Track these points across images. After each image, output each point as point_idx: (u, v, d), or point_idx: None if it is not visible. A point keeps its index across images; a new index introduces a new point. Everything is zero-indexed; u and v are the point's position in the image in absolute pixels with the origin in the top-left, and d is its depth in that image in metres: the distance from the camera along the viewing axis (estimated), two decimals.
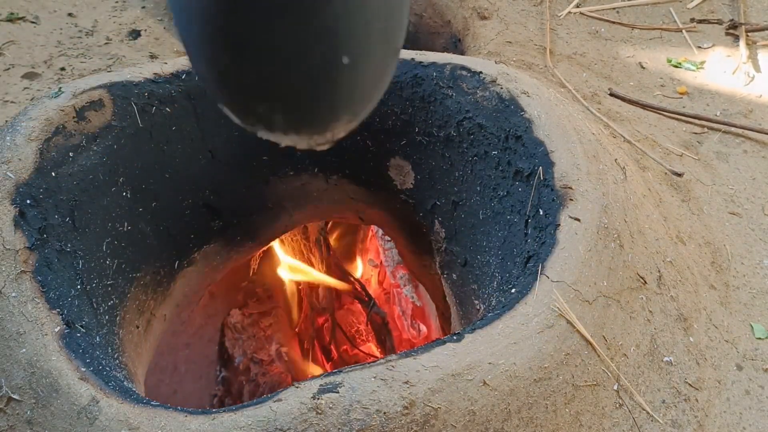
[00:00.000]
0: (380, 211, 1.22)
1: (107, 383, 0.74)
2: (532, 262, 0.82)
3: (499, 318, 0.74)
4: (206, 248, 1.16)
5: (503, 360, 0.71)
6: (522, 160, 0.91)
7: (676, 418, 0.83)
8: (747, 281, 1.03)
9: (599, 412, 0.77)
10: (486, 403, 0.69)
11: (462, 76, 0.99)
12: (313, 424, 0.65)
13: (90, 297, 0.88)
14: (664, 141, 1.25)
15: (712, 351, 0.93)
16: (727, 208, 1.14)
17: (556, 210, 0.84)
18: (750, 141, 1.26)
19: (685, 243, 1.05)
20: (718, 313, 0.98)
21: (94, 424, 0.69)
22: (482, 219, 0.98)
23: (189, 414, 0.69)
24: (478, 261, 0.98)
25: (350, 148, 1.12)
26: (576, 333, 0.76)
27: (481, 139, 0.98)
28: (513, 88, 0.95)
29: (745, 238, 1.09)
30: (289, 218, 1.25)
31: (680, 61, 1.43)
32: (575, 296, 0.77)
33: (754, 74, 1.39)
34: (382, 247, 1.59)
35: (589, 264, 0.80)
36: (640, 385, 0.82)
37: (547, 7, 1.52)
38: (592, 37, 1.49)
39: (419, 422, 0.67)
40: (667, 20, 1.53)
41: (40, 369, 0.73)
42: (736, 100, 1.34)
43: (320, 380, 0.68)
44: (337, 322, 1.54)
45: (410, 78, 1.02)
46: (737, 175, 1.19)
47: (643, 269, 0.89)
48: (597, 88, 1.36)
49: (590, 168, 0.88)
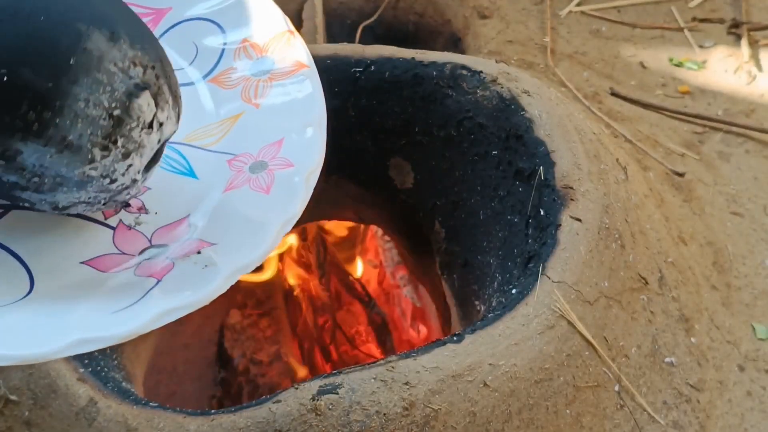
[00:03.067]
0: (380, 211, 1.22)
1: (105, 384, 0.74)
2: (532, 263, 0.81)
3: (500, 319, 0.74)
4: None
5: (504, 361, 0.71)
6: (523, 160, 0.91)
7: (677, 419, 0.82)
8: (749, 282, 1.03)
9: (600, 413, 0.77)
10: (486, 405, 0.69)
11: (462, 75, 0.99)
12: (313, 425, 0.65)
13: None
14: (666, 141, 1.25)
15: (714, 352, 0.92)
16: (729, 208, 1.14)
17: (557, 210, 0.83)
18: (752, 141, 1.25)
19: (686, 243, 1.05)
20: (720, 314, 0.98)
21: (92, 425, 0.69)
22: (482, 219, 0.98)
23: (188, 415, 0.69)
24: (478, 261, 0.98)
25: (350, 148, 1.12)
26: (577, 334, 0.75)
27: (482, 138, 0.98)
28: (514, 87, 0.95)
29: (747, 238, 1.09)
30: None
31: (682, 61, 1.43)
32: (576, 297, 0.77)
33: (757, 73, 1.39)
34: (381, 247, 1.59)
35: (590, 264, 0.80)
36: (642, 386, 0.82)
37: (548, 5, 1.52)
38: (594, 36, 1.48)
39: (419, 423, 0.66)
40: (669, 19, 1.52)
41: (38, 370, 0.73)
42: (738, 99, 1.34)
43: (320, 381, 0.68)
44: (337, 322, 1.54)
45: (410, 77, 1.02)
46: (739, 174, 1.19)
47: (644, 270, 0.88)
48: (598, 88, 1.35)
49: (591, 168, 0.88)
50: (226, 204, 0.47)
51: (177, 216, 0.47)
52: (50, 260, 0.44)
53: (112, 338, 0.37)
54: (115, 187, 0.42)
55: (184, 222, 0.47)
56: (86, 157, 0.40)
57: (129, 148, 0.41)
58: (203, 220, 0.46)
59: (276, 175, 0.47)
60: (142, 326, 0.37)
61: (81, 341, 0.36)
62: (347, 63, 1.03)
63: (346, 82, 1.04)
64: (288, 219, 0.45)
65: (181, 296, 0.40)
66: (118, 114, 0.40)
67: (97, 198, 0.43)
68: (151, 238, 0.46)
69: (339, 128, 1.11)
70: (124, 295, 0.40)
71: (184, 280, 0.41)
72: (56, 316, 0.39)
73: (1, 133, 0.38)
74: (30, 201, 0.42)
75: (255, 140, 0.50)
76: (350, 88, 1.05)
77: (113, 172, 0.41)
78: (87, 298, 0.41)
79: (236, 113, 0.53)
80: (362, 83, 1.04)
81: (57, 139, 0.38)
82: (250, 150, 0.50)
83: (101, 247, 0.45)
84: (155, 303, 0.39)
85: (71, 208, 0.43)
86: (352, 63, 1.03)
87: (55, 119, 0.38)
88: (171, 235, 0.46)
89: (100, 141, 0.40)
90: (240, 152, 0.50)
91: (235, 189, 0.47)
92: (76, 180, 0.40)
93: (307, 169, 0.47)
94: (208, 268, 0.42)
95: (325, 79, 0.56)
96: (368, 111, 1.07)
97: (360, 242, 1.66)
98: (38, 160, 0.39)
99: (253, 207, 0.46)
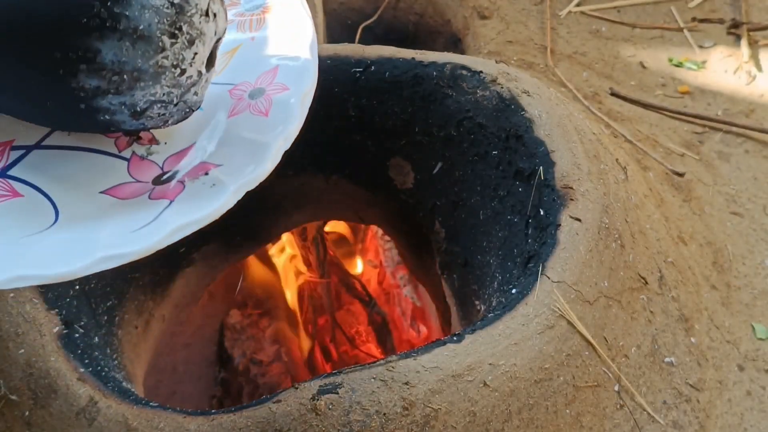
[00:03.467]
0: (380, 211, 1.22)
1: (106, 384, 0.74)
2: (532, 263, 0.81)
3: (500, 318, 0.74)
4: (205, 248, 1.16)
5: (504, 361, 0.71)
6: (522, 160, 0.91)
7: (677, 419, 0.83)
8: (749, 281, 1.03)
9: (600, 413, 0.77)
10: (486, 404, 0.69)
11: (462, 75, 0.99)
12: (313, 425, 0.65)
13: (88, 297, 0.88)
14: (666, 141, 1.25)
15: (714, 352, 0.92)
16: (729, 208, 1.14)
17: (557, 210, 0.84)
18: (752, 141, 1.25)
19: (686, 243, 1.05)
20: (720, 314, 0.98)
21: (92, 425, 0.69)
22: (482, 219, 0.98)
23: (188, 415, 0.69)
24: (478, 261, 0.98)
25: (350, 147, 1.12)
26: (577, 334, 0.76)
27: (482, 138, 0.98)
28: (513, 87, 0.95)
29: (747, 238, 1.09)
30: (289, 218, 1.25)
31: (681, 61, 1.43)
32: (576, 297, 0.77)
33: (756, 73, 1.39)
34: (382, 247, 1.59)
35: (590, 264, 0.80)
36: (641, 386, 0.82)
37: (547, 6, 1.52)
38: (593, 36, 1.48)
39: (419, 423, 0.67)
40: (669, 19, 1.53)
41: (38, 369, 0.73)
42: (737, 99, 1.34)
43: (320, 381, 0.68)
44: (337, 322, 1.54)
45: (410, 77, 1.02)
46: (739, 174, 1.19)
47: (644, 269, 0.88)
48: (598, 88, 1.35)
49: (591, 168, 0.88)
50: (230, 129, 0.51)
51: (185, 144, 0.51)
52: (72, 192, 0.47)
53: (132, 254, 0.40)
54: (185, 81, 0.46)
55: (192, 148, 0.50)
56: (157, 45, 0.43)
57: (192, 35, 0.45)
58: (210, 145, 0.50)
59: (273, 99, 0.51)
60: (159, 242, 0.41)
61: (104, 258, 0.40)
62: (347, 63, 1.04)
63: (347, 82, 1.04)
64: (286, 137, 0.48)
65: (192, 213, 0.43)
66: (178, 2, 0.44)
67: (170, 96, 0.46)
68: (163, 165, 0.50)
69: (339, 128, 1.11)
70: (141, 216, 0.44)
71: (194, 198, 0.45)
72: (80, 239, 0.42)
73: (79, 35, 0.41)
74: (110, 110, 0.45)
75: (252, 70, 0.54)
76: (350, 88, 1.05)
77: (182, 61, 0.45)
78: (107, 222, 0.44)
79: (234, 47, 0.57)
80: (362, 83, 1.04)
81: (129, 31, 0.42)
82: (248, 79, 0.54)
83: (118, 177, 0.49)
84: (169, 220, 0.43)
85: (148, 111, 0.46)
86: (353, 63, 1.04)
87: (125, 12, 0.41)
88: (181, 161, 0.50)
89: (168, 28, 0.43)
90: (239, 81, 0.54)
91: (238, 114, 0.51)
92: (151, 72, 0.44)
93: (301, 91, 0.51)
94: (216, 186, 0.45)
95: (326, 79, 0.57)
96: (368, 111, 1.07)
97: (360, 242, 1.66)
98: (116, 56, 0.42)
99: (255, 129, 0.49)
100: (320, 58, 1.06)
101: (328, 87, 1.04)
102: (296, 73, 0.52)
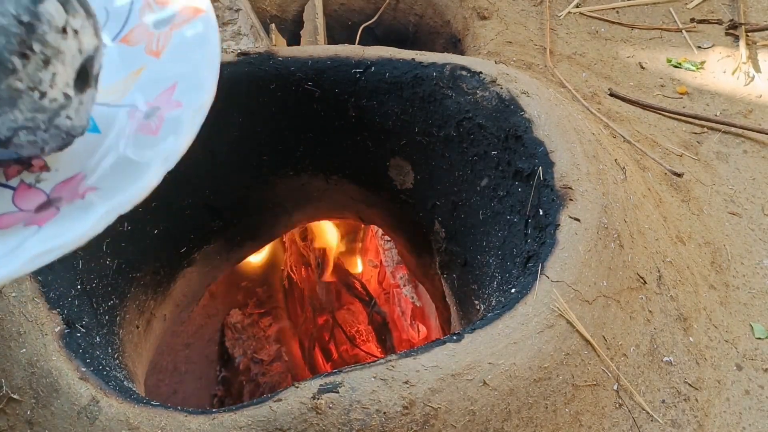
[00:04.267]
0: (380, 211, 1.22)
1: (107, 383, 0.74)
2: (532, 262, 0.82)
3: (499, 318, 0.75)
4: (206, 248, 1.16)
5: (503, 360, 0.71)
6: (522, 160, 0.91)
7: (675, 418, 0.83)
8: (747, 281, 1.03)
9: (599, 412, 0.77)
10: (486, 403, 0.69)
11: (462, 76, 0.99)
12: (313, 424, 0.65)
13: (90, 297, 0.88)
14: (664, 141, 1.25)
15: (712, 351, 0.93)
16: (727, 208, 1.14)
17: (556, 210, 0.84)
18: (750, 141, 1.26)
19: (684, 243, 1.05)
20: (718, 313, 0.98)
21: (94, 424, 0.70)
22: (482, 219, 0.98)
23: (189, 414, 0.69)
24: (477, 261, 0.98)
25: (350, 148, 1.12)
26: (576, 333, 0.76)
27: (481, 139, 0.98)
28: (513, 88, 0.95)
29: (745, 238, 1.09)
30: (289, 218, 1.25)
31: (680, 61, 1.43)
32: (575, 296, 0.77)
33: (754, 74, 1.39)
34: (382, 247, 1.59)
35: (588, 264, 0.80)
36: (640, 385, 0.82)
37: (546, 7, 1.52)
38: (592, 37, 1.49)
39: (419, 422, 0.67)
40: (667, 20, 1.53)
41: (40, 369, 0.74)
42: (736, 100, 1.34)
43: (320, 380, 0.68)
44: (338, 321, 1.54)
45: (410, 78, 1.02)
46: (737, 175, 1.20)
47: (642, 269, 0.89)
48: (597, 88, 1.36)
49: (590, 168, 0.88)
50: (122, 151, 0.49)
51: (75, 170, 0.49)
52: None
53: None
54: (48, 104, 0.43)
55: (80, 174, 0.49)
56: (7, 67, 0.41)
57: (48, 54, 0.42)
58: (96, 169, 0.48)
59: (165, 116, 0.49)
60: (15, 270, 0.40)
61: None
62: (348, 64, 1.04)
63: (347, 82, 1.04)
64: (168, 154, 0.46)
65: (56, 239, 0.42)
66: (27, 20, 0.41)
67: (36, 121, 0.43)
68: (50, 193, 0.48)
69: (339, 128, 1.11)
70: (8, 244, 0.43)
71: (63, 224, 0.43)
72: None
73: None
74: None
75: (153, 89, 0.53)
76: (351, 88, 1.05)
77: (40, 83, 0.42)
78: None
79: (139, 67, 0.55)
80: (362, 84, 1.05)
81: None
82: (148, 98, 0.52)
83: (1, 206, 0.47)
84: (30, 248, 0.41)
85: (14, 138, 0.44)
86: (353, 64, 1.04)
87: None
88: (68, 188, 0.48)
89: (17, 48, 0.41)
90: (141, 102, 0.52)
91: (131, 135, 0.50)
92: (5, 97, 0.41)
93: (193, 107, 0.48)
94: (87, 210, 0.44)
95: (326, 80, 0.57)
96: (368, 111, 1.07)
97: (360, 242, 1.67)
98: None
99: (141, 149, 0.48)
100: (321, 59, 1.07)
101: (329, 88, 1.04)
102: (192, 89, 0.50)
